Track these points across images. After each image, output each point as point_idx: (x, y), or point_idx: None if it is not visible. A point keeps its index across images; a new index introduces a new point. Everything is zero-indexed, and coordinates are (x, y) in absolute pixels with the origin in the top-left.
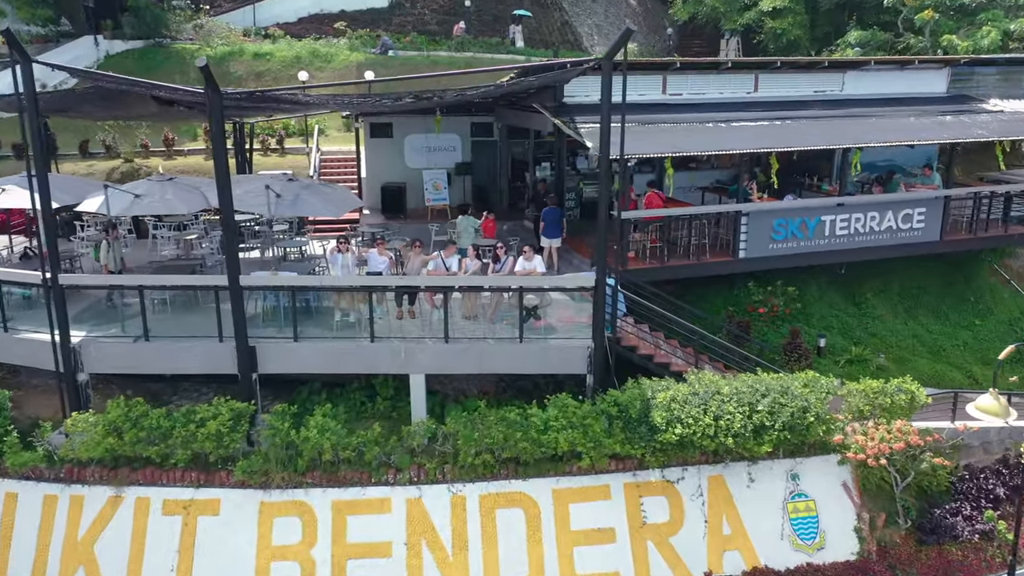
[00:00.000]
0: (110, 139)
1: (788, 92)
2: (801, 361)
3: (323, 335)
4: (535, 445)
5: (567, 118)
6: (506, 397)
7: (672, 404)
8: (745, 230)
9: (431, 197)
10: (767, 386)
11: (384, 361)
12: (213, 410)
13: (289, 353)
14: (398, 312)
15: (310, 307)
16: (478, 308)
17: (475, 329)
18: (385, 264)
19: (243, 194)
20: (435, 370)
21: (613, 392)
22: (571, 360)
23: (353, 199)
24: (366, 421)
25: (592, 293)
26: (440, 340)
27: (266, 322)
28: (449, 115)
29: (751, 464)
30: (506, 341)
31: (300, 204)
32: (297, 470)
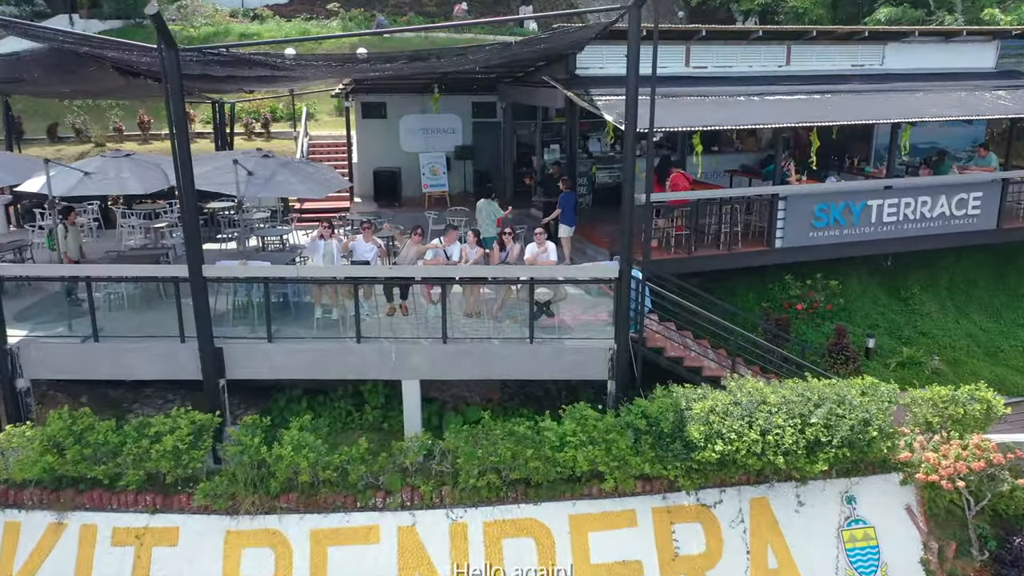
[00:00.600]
0: (80, 122)
1: (823, 66)
2: (848, 364)
3: (301, 335)
4: (549, 464)
5: (581, 90)
6: (513, 405)
7: (711, 416)
8: (782, 216)
9: (428, 183)
10: (820, 394)
11: (372, 365)
12: (170, 423)
13: (261, 355)
14: (389, 308)
15: (288, 303)
16: (481, 304)
17: (478, 328)
18: (373, 252)
19: (209, 172)
20: (432, 375)
21: (640, 402)
22: (590, 364)
23: (338, 179)
24: (352, 433)
25: (615, 286)
26: (437, 340)
27: (236, 320)
28: (448, 94)
29: (799, 485)
30: (514, 342)
31: (276, 183)
32: (269, 493)
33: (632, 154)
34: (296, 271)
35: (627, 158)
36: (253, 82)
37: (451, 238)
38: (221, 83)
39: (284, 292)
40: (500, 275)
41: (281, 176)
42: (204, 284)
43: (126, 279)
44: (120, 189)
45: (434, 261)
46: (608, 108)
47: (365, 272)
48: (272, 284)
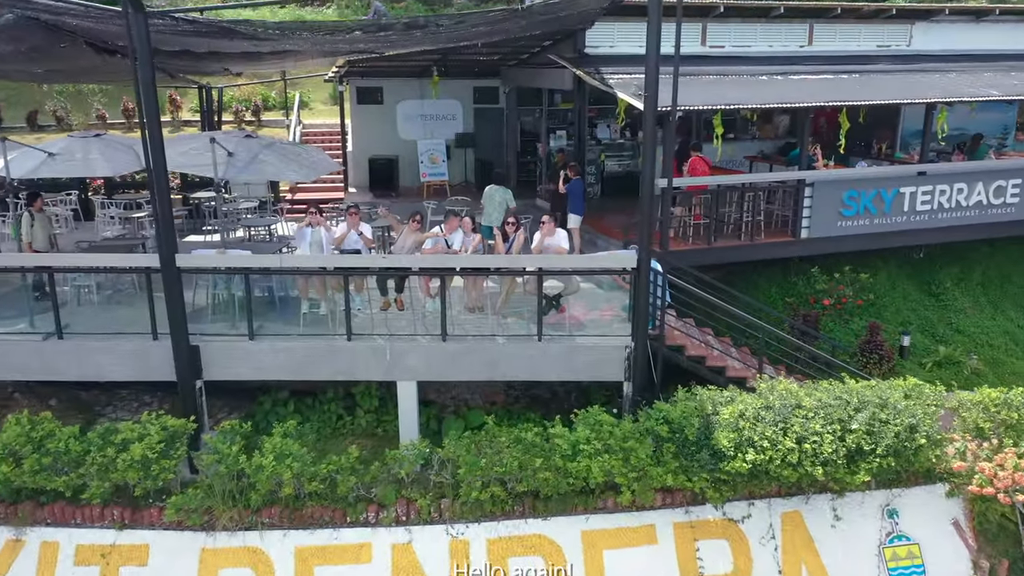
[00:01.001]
0: (61, 109)
1: (847, 46)
2: (882, 364)
3: (287, 332)
4: (560, 475)
5: (591, 69)
6: (518, 408)
7: (741, 422)
8: (809, 204)
9: (427, 172)
10: (860, 398)
11: (364, 365)
12: (139, 429)
13: (242, 354)
14: (383, 303)
15: (272, 297)
16: (484, 298)
17: (480, 324)
18: (360, 242)
19: (186, 152)
20: (430, 376)
21: (661, 406)
22: (604, 364)
23: (328, 162)
24: (343, 439)
25: (631, 278)
26: (436, 338)
27: (215, 316)
28: (448, 78)
29: (836, 497)
30: (520, 339)
31: (258, 165)
32: (250, 506)
33: (652, 135)
34: (279, 261)
35: (647, 139)
36: (238, 60)
37: (452, 225)
38: (202, 62)
39: (268, 286)
40: (506, 265)
41: (265, 157)
42: (178, 275)
43: (92, 270)
44: (87, 171)
45: (433, 250)
46: (621, 87)
47: (356, 263)
48: (254, 276)
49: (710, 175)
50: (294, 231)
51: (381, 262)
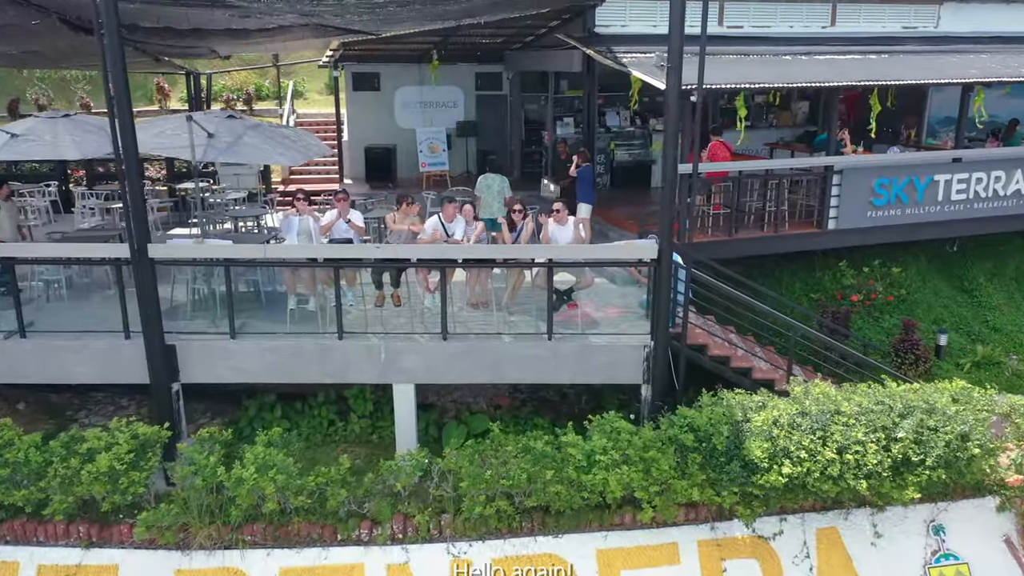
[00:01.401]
0: (44, 97)
1: (872, 28)
2: (918, 365)
3: (272, 330)
4: (574, 489)
5: (602, 48)
6: (525, 412)
7: (775, 430)
8: (837, 192)
9: (427, 161)
10: (905, 402)
11: (357, 366)
12: (107, 437)
13: (223, 355)
14: (378, 297)
15: (258, 292)
16: (489, 293)
17: (485, 322)
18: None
19: (161, 133)
20: (429, 379)
21: (686, 411)
22: (620, 365)
23: (319, 146)
24: (335, 447)
25: (650, 271)
26: (436, 336)
27: (195, 312)
28: (449, 63)
29: (876, 512)
30: (528, 338)
31: (241, 148)
32: (230, 523)
33: (676, 114)
34: (263, 252)
35: (670, 118)
36: (223, 39)
37: (449, 213)
38: (185, 40)
39: (253, 280)
40: (513, 257)
41: (249, 139)
42: (151, 267)
43: (56, 261)
44: (54, 154)
45: (431, 239)
46: (636, 66)
47: (347, 253)
48: (237, 269)
49: (731, 161)
50: (279, 221)
51: (375, 253)
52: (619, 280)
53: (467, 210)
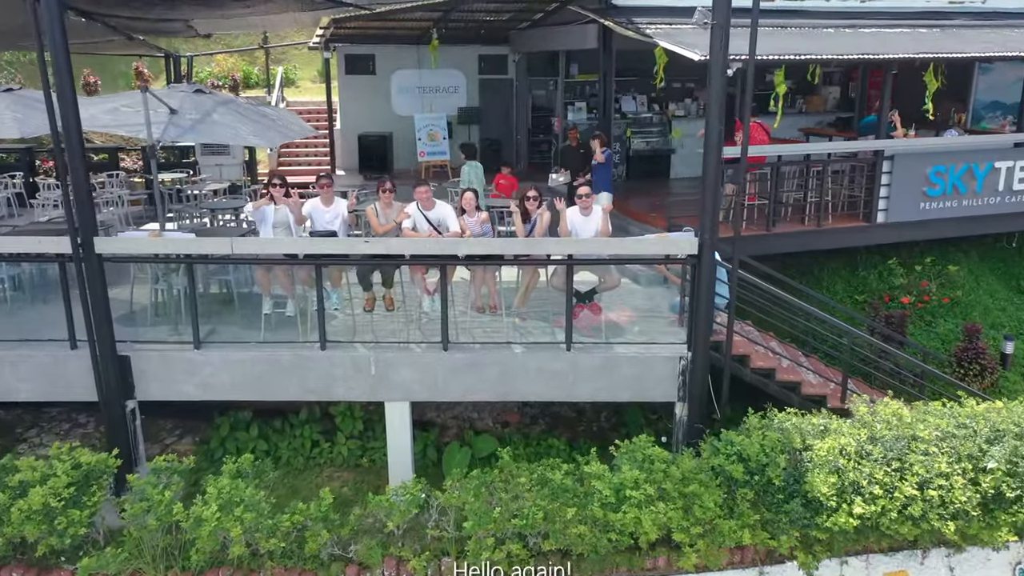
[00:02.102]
0: (14, 81)
1: (915, 2)
2: (984, 376)
3: (244, 338)
4: (599, 530)
5: (622, 20)
6: (537, 431)
7: (841, 460)
8: (887, 181)
9: (426, 150)
10: (992, 425)
11: (343, 381)
12: (43, 468)
13: (186, 368)
14: (367, 300)
15: (232, 293)
16: (497, 295)
17: (492, 328)
18: (339, 219)
19: (115, 109)
20: (427, 396)
21: (733, 436)
22: (651, 379)
23: (301, 126)
24: (319, 472)
25: (688, 269)
26: (435, 346)
27: (156, 317)
28: (450, 43)
29: (953, 553)
30: (543, 348)
31: (209, 126)
32: (190, 568)
33: (721, 87)
34: (230, 246)
35: (713, 99)
36: (197, 7)
37: (424, 198)
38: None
39: (226, 279)
40: (526, 252)
41: (219, 117)
42: (99, 264)
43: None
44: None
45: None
46: (664, 38)
47: (332, 248)
48: (208, 266)
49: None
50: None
51: (363, 247)
52: (643, 279)
53: (468, 198)
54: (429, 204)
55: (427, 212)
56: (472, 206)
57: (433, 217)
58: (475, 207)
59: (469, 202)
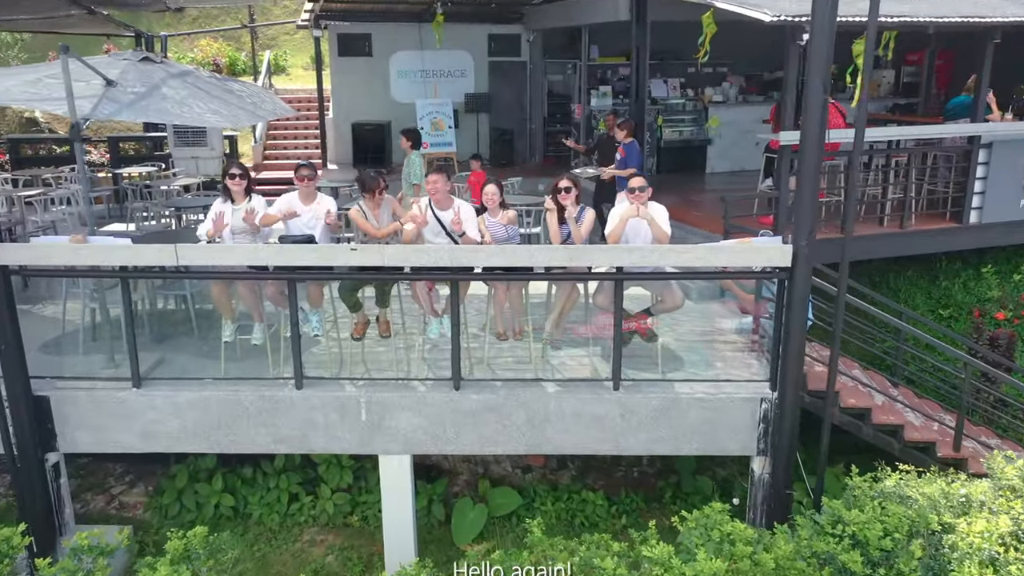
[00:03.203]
0: None
1: None
2: None
3: (196, 374)
4: None
5: None
6: (566, 479)
7: (997, 548)
8: (983, 173)
9: (429, 141)
10: None
11: (326, 429)
12: None
13: (121, 411)
14: (356, 324)
15: (189, 311)
16: (521, 317)
17: (517, 360)
18: (321, 222)
19: (38, 80)
20: (434, 447)
21: (841, 510)
22: (724, 427)
23: (273, 104)
24: (299, 533)
25: (777, 284)
26: (444, 383)
27: (91, 345)
28: (456, 21)
29: None
30: (583, 386)
31: (156, 102)
32: None
33: (827, 49)
34: (174, 255)
35: (817, 57)
36: None
37: (441, 194)
38: None
39: (180, 293)
40: (569, 263)
41: (171, 91)
42: (5, 278)
43: None
44: None
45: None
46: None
47: (309, 258)
48: (137, 279)
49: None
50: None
51: (350, 257)
52: (695, 293)
53: (490, 192)
54: (445, 201)
55: (440, 211)
56: (495, 203)
57: (449, 219)
58: (499, 204)
59: (492, 198)
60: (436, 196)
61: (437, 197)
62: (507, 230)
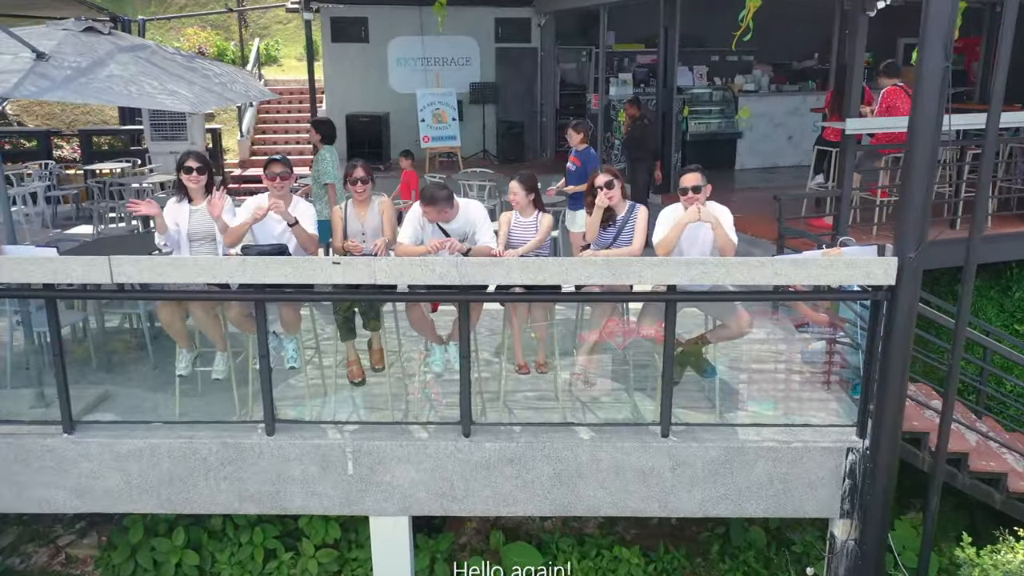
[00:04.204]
0: None
1: None
2: None
3: (142, 417)
4: None
5: None
6: (594, 529)
7: None
8: None
9: (430, 135)
10: None
11: (304, 484)
12: None
13: (53, 463)
14: (350, 363)
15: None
16: (548, 345)
17: (540, 398)
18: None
19: None
20: (438, 507)
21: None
22: (799, 483)
23: (247, 85)
24: None
25: (872, 307)
26: (451, 428)
27: (19, 377)
28: (460, 3)
29: None
30: (624, 432)
31: (96, 81)
32: None
33: (946, 31)
34: (106, 271)
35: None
36: None
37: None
38: None
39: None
40: (610, 282)
41: (118, 68)
42: None
43: None
44: None
45: (434, 246)
46: None
47: (282, 273)
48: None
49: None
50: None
51: (331, 274)
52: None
53: (515, 192)
54: (438, 213)
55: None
56: (525, 203)
57: (456, 231)
58: (531, 204)
59: (519, 198)
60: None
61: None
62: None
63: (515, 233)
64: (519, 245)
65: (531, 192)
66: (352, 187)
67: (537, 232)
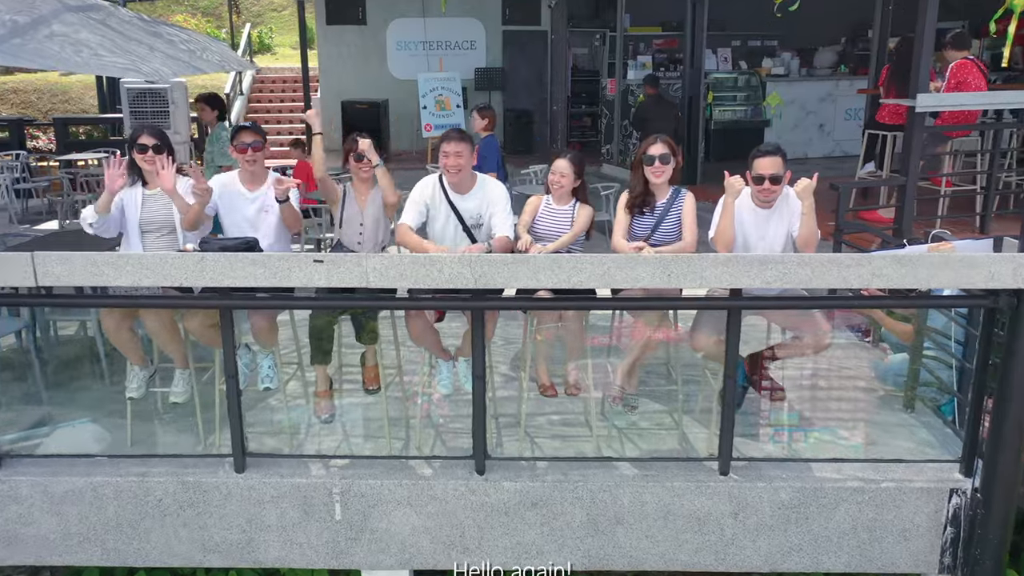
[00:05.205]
0: None
1: None
2: None
3: (82, 449)
4: None
5: None
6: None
7: None
8: None
9: (432, 123)
10: None
11: (282, 531)
12: None
13: None
14: (320, 394)
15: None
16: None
17: (568, 426)
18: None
19: None
20: (444, 560)
21: None
22: (890, 532)
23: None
24: None
25: (983, 315)
26: (461, 464)
27: None
28: None
29: None
30: (675, 469)
31: (35, 43)
32: None
33: None
34: (29, 272)
35: None
36: None
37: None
38: None
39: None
40: (662, 285)
41: (62, 27)
42: None
43: None
44: None
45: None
46: None
47: (247, 275)
48: None
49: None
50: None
51: (314, 274)
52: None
53: (563, 173)
54: (465, 182)
55: (458, 197)
56: (566, 188)
57: (471, 209)
58: (571, 189)
59: (566, 181)
60: (449, 171)
61: (450, 173)
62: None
63: (542, 223)
64: (546, 237)
65: (579, 177)
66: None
67: (573, 225)
